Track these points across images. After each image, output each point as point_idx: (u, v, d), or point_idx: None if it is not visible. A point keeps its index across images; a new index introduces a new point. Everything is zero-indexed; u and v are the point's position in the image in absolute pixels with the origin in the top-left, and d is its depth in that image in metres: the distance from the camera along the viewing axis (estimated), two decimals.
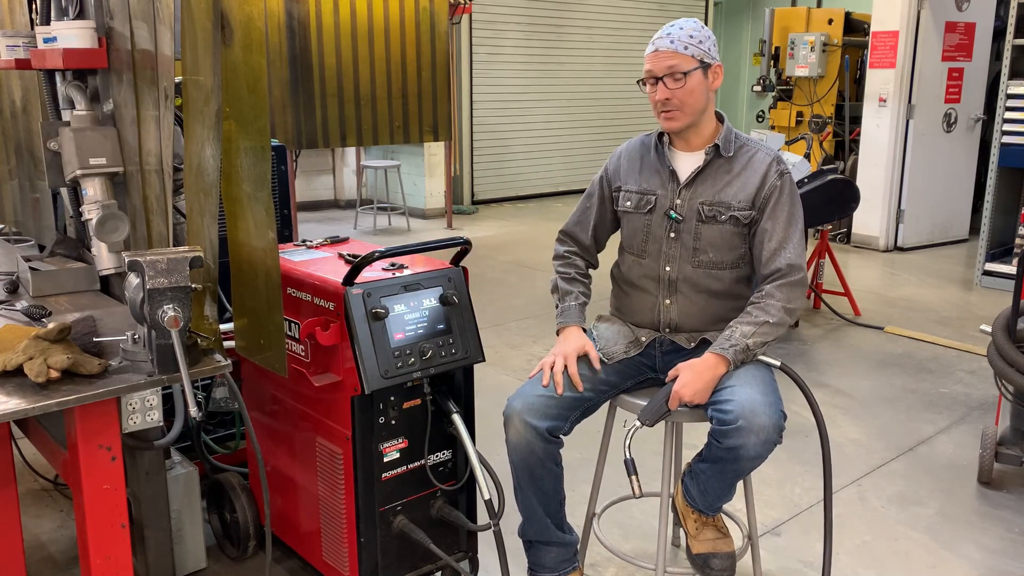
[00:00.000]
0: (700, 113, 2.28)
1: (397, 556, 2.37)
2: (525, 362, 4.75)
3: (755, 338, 2.20)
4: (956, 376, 4.57)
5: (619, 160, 2.47)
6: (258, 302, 2.06)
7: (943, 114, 7.53)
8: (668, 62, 2.22)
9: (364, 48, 4.58)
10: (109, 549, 1.86)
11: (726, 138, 2.31)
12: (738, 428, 2.02)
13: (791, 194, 2.30)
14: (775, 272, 2.26)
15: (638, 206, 2.38)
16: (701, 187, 2.31)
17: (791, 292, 2.25)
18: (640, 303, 2.41)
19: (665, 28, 2.28)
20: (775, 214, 2.27)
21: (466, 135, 10.13)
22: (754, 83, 8.96)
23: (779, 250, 2.26)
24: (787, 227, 2.27)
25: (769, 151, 2.33)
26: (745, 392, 2.08)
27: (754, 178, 2.29)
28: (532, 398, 2.24)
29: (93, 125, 2.21)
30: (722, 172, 2.31)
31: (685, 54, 2.21)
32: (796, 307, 2.26)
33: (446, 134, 5.06)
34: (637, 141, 2.48)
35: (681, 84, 2.22)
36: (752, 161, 2.31)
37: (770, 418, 2.04)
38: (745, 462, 2.08)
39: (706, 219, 2.30)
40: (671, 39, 2.23)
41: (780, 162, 2.32)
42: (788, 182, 2.30)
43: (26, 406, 1.66)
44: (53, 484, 3.25)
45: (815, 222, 5.26)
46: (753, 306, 2.25)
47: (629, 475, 2.13)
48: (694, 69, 2.22)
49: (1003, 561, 2.86)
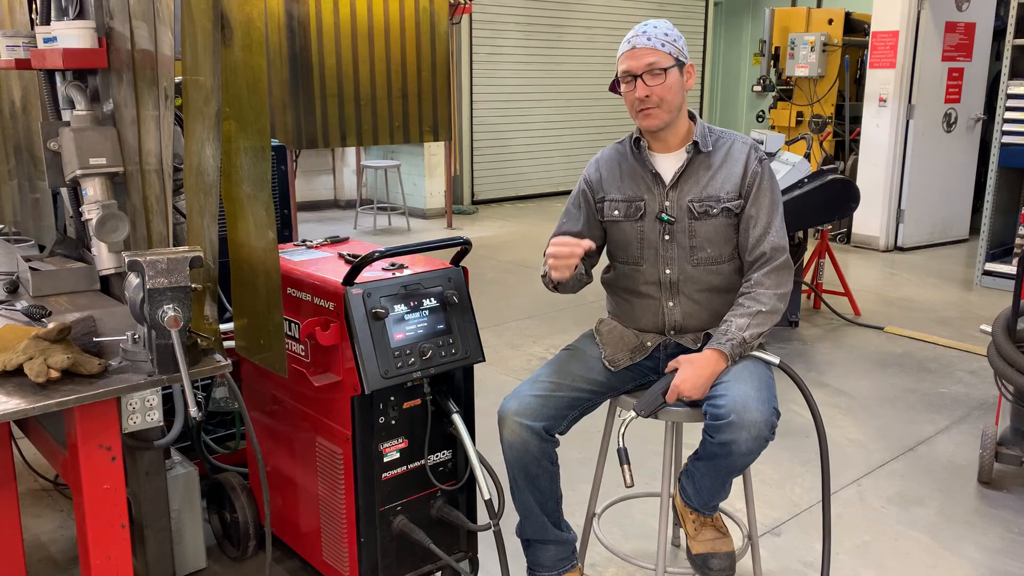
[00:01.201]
0: (677, 111, 2.29)
1: (397, 556, 2.37)
2: (525, 362, 4.75)
3: (751, 329, 2.20)
4: (956, 376, 4.57)
5: (598, 170, 2.44)
6: (258, 302, 2.06)
7: (943, 114, 7.52)
8: (647, 59, 2.22)
9: (364, 48, 4.58)
10: (109, 549, 1.86)
11: (703, 134, 2.33)
12: (730, 423, 2.03)
13: (771, 178, 2.34)
14: (760, 256, 2.28)
15: (627, 214, 2.36)
16: (686, 186, 2.32)
17: (779, 276, 2.27)
18: (642, 309, 2.40)
19: (638, 27, 2.27)
20: (758, 200, 2.30)
21: (466, 135, 10.12)
22: (754, 83, 8.95)
23: (764, 235, 2.29)
24: (770, 212, 2.30)
25: (744, 140, 2.36)
26: (738, 387, 2.09)
27: (736, 167, 2.31)
28: (528, 398, 2.24)
29: (93, 125, 2.21)
30: (704, 168, 2.32)
31: (663, 51, 2.22)
32: (786, 291, 2.28)
33: (446, 134, 5.07)
34: (611, 149, 2.46)
35: (661, 80, 2.22)
36: (731, 151, 2.33)
37: (762, 414, 2.04)
38: (737, 458, 2.08)
39: (698, 215, 2.30)
40: (647, 36, 2.23)
41: (756, 149, 2.35)
42: (767, 167, 2.34)
43: (26, 406, 1.66)
44: (53, 484, 3.25)
45: (815, 222, 5.26)
46: (744, 296, 2.26)
47: (621, 464, 2.15)
48: (672, 66, 2.22)
49: (1003, 561, 2.86)
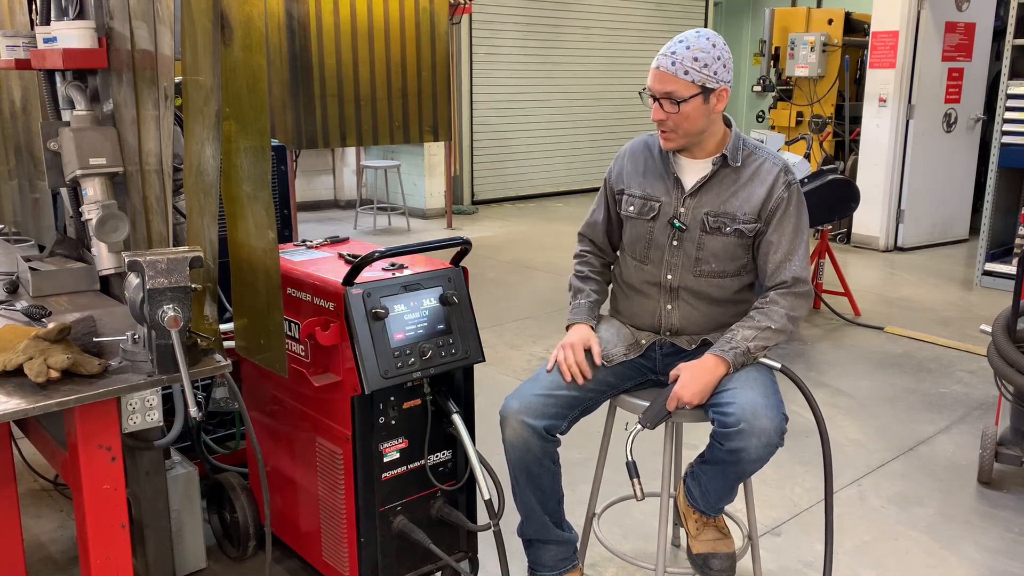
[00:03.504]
0: (697, 135, 2.21)
1: (397, 556, 2.37)
2: (525, 362, 4.75)
3: (756, 342, 2.19)
4: (956, 376, 4.57)
5: (623, 162, 2.43)
6: (258, 302, 2.06)
7: (943, 114, 7.52)
8: (665, 87, 2.14)
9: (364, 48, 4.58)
10: (109, 549, 1.86)
11: (734, 146, 2.25)
12: (740, 431, 2.02)
13: (798, 205, 2.26)
14: (780, 285, 2.24)
15: (641, 212, 2.34)
16: (706, 197, 2.26)
17: (796, 301, 2.23)
18: (641, 307, 2.40)
19: (673, 42, 2.15)
20: (781, 226, 2.24)
21: (466, 135, 10.12)
22: (754, 83, 8.94)
23: (784, 263, 2.24)
24: (793, 239, 2.24)
25: (776, 159, 2.27)
26: (746, 395, 2.07)
27: (761, 189, 2.24)
28: (529, 397, 2.23)
29: (93, 125, 2.21)
30: (728, 182, 2.26)
31: (684, 79, 2.11)
32: (799, 315, 2.24)
33: (446, 134, 5.07)
34: (640, 141, 2.42)
35: (675, 111, 2.14)
36: (759, 171, 2.26)
37: (772, 421, 2.03)
38: (747, 464, 2.08)
39: (710, 230, 2.26)
40: (673, 60, 2.12)
41: (788, 172, 2.26)
42: (795, 192, 2.26)
43: (26, 406, 1.66)
44: (53, 484, 3.25)
45: (815, 222, 5.26)
46: (756, 311, 2.24)
47: (631, 478, 2.13)
48: (692, 96, 2.12)
49: (1003, 561, 2.86)
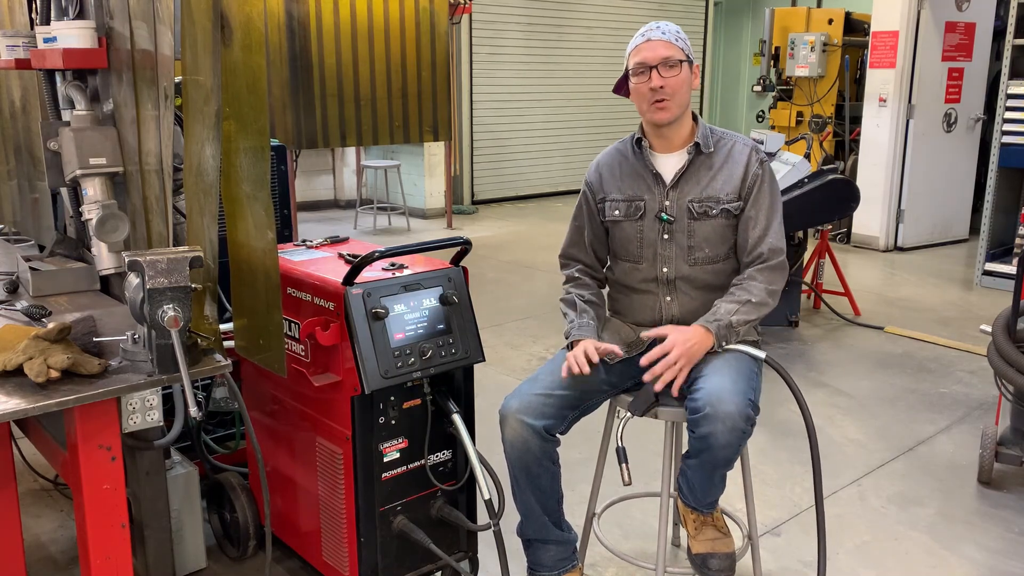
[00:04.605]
0: (686, 107, 2.34)
1: (397, 556, 2.37)
2: (525, 362, 4.75)
3: (738, 316, 2.24)
4: (956, 376, 4.57)
5: (598, 171, 2.48)
6: (258, 302, 2.06)
7: (943, 114, 7.52)
8: (663, 52, 2.27)
9: (364, 48, 4.58)
10: (109, 549, 1.86)
11: (704, 134, 2.36)
12: (705, 416, 2.06)
13: (771, 180, 2.36)
14: (758, 257, 2.32)
15: (627, 213, 2.39)
16: (687, 186, 2.34)
17: (772, 275, 2.31)
18: (641, 304, 2.44)
19: (650, 24, 2.34)
20: (758, 202, 2.33)
21: (466, 135, 10.12)
22: (754, 83, 8.94)
23: (763, 236, 2.32)
24: (769, 213, 2.34)
25: (745, 141, 2.38)
26: (714, 380, 2.12)
27: (737, 169, 2.34)
28: (529, 397, 2.24)
29: (93, 125, 2.21)
30: (705, 168, 2.35)
31: (676, 45, 2.29)
32: (777, 288, 2.32)
33: (446, 134, 5.06)
34: (612, 150, 2.50)
35: (676, 72, 2.27)
36: (732, 153, 2.36)
37: (736, 406, 2.05)
38: (717, 451, 2.09)
39: (697, 216, 2.33)
40: (662, 31, 2.30)
41: (758, 150, 2.37)
42: (767, 169, 2.36)
43: (26, 406, 1.66)
44: (53, 484, 3.25)
45: (815, 222, 5.26)
46: (736, 287, 2.31)
47: (620, 463, 2.18)
48: (684, 61, 2.28)
49: (1003, 561, 2.86)
